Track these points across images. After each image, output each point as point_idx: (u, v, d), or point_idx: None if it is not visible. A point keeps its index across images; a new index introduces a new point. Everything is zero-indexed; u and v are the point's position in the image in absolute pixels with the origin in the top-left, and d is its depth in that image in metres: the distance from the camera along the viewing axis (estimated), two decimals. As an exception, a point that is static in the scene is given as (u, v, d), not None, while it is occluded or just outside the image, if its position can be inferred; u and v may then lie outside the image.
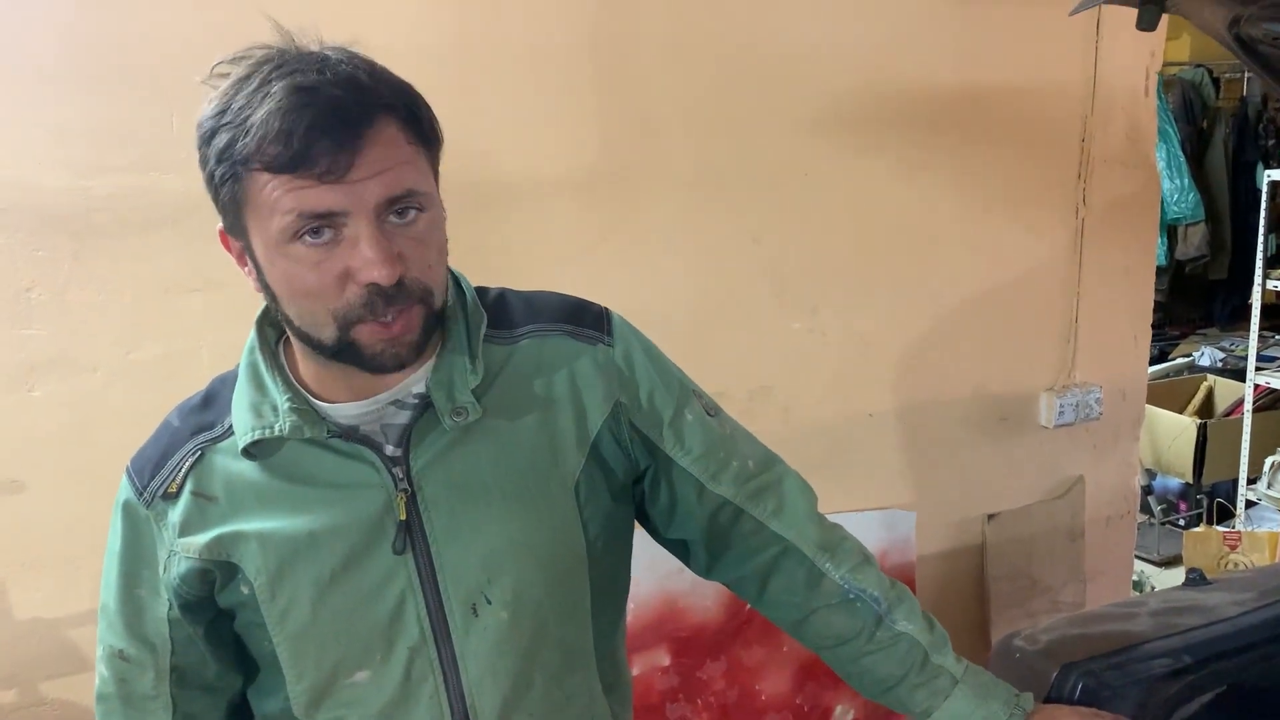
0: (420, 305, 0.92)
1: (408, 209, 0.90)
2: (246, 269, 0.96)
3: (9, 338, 1.74)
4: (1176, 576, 3.71)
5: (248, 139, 0.85)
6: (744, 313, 2.27)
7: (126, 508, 1.04)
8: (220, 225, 0.95)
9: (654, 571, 2.12)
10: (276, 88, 0.84)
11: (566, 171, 2.07)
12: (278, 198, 0.86)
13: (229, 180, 0.88)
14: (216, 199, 0.91)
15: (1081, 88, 2.51)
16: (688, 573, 1.18)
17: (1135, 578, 3.15)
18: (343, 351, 0.93)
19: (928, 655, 1.09)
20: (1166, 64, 2.65)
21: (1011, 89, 2.44)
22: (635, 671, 2.18)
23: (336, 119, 0.85)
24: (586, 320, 1.08)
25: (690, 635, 2.28)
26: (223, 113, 0.87)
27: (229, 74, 0.89)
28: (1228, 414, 4.34)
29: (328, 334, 0.92)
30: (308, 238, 0.87)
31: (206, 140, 0.88)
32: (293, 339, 0.99)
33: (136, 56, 1.74)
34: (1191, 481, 4.14)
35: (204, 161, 0.89)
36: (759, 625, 2.29)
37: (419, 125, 0.91)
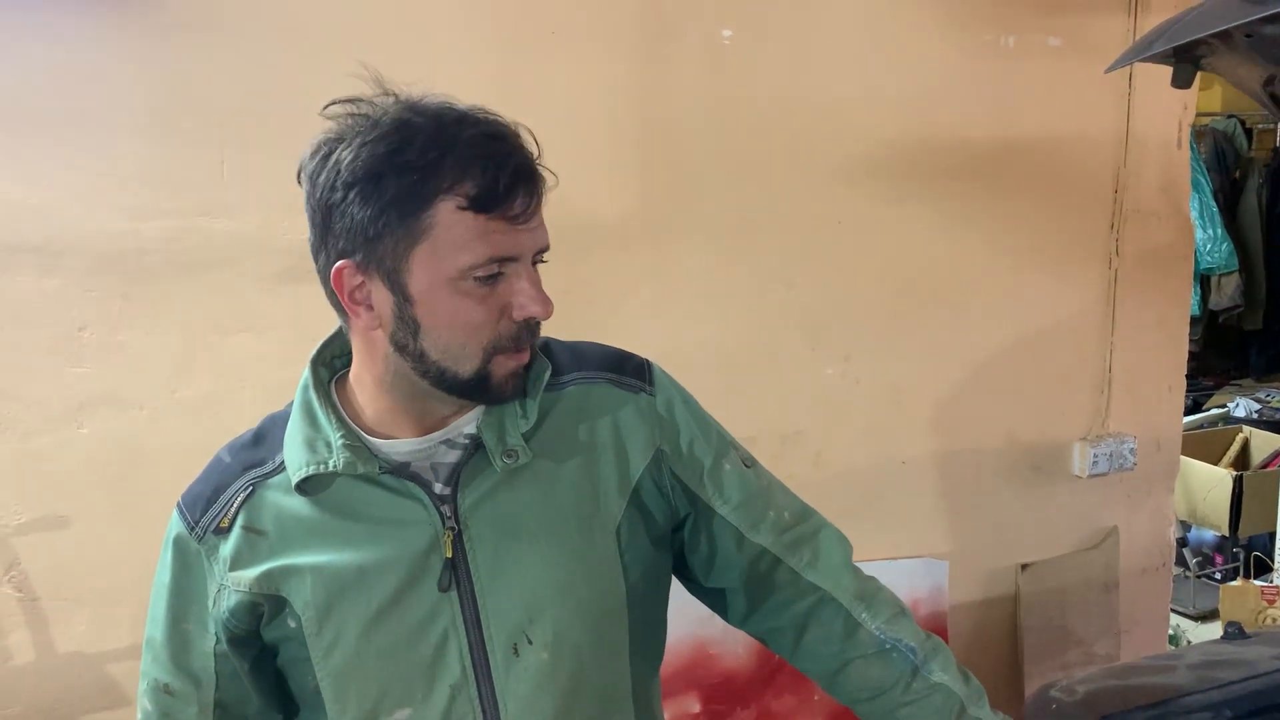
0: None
1: (543, 256, 1.00)
2: (361, 306, 0.97)
3: (62, 375, 1.79)
4: (1212, 631, 3.64)
5: (441, 178, 0.91)
6: (778, 359, 2.29)
7: (178, 542, 1.06)
8: (348, 260, 0.94)
9: (684, 617, 2.09)
10: (469, 134, 0.92)
11: (605, 219, 2.11)
12: (470, 237, 0.92)
13: (408, 217, 0.91)
14: (374, 237, 0.92)
15: (1114, 139, 2.53)
16: (719, 619, 1.19)
17: (1171, 631, 3.11)
18: (474, 384, 0.98)
19: (964, 707, 1.09)
20: (1198, 114, 2.66)
21: (1044, 140, 2.45)
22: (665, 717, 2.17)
23: (528, 168, 0.94)
24: (629, 370, 1.11)
25: (720, 682, 2.27)
26: (393, 153, 0.90)
27: (350, 113, 0.93)
28: (1264, 466, 4.28)
29: (469, 366, 0.97)
30: (482, 275, 0.93)
31: (373, 180, 0.91)
32: (394, 372, 0.99)
33: (189, 104, 1.80)
34: (1227, 534, 4.07)
35: (365, 199, 0.91)
36: (789, 673, 2.27)
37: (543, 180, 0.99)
